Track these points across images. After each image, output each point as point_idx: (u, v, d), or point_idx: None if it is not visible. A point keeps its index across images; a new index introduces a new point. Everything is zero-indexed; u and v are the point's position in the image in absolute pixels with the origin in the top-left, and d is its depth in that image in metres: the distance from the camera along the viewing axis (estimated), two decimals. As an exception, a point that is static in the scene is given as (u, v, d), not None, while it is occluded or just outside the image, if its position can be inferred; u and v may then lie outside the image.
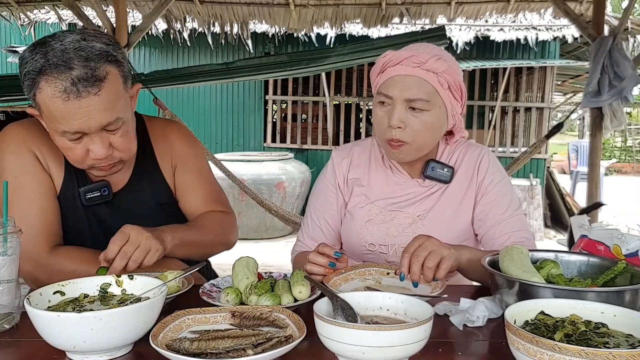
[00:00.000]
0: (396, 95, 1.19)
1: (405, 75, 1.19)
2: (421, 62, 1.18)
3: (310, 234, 1.40)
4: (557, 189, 6.67)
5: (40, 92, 1.04)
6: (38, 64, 1.02)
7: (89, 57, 1.03)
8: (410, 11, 4.62)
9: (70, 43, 1.03)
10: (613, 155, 15.09)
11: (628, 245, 1.13)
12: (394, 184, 1.34)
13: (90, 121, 1.05)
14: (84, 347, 0.78)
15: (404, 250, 1.05)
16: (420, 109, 1.20)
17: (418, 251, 1.03)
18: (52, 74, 1.01)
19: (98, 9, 3.92)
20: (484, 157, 1.33)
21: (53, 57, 1.01)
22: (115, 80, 1.08)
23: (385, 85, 1.22)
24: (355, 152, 1.40)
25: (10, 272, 0.92)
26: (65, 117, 1.04)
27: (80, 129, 1.06)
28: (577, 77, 8.51)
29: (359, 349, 0.74)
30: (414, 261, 1.02)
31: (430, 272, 1.02)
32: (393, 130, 1.20)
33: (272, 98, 7.23)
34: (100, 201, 1.24)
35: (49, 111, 1.05)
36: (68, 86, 1.01)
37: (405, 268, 1.03)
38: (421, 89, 1.19)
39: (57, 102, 1.02)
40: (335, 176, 1.39)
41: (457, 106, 1.26)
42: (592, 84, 3.29)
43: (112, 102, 1.06)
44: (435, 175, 1.30)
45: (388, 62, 1.22)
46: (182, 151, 1.37)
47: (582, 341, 0.74)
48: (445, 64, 1.20)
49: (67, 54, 1.02)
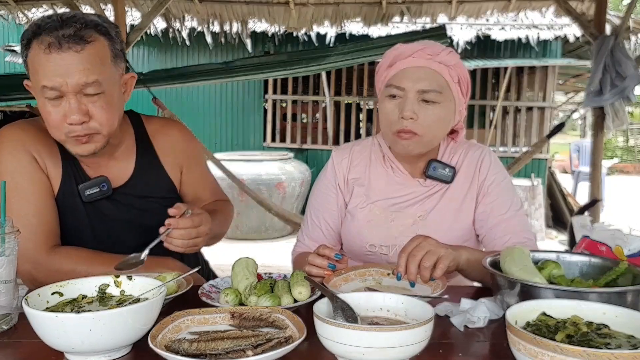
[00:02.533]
0: (409, 87, 1.20)
1: (419, 67, 1.20)
2: (434, 53, 1.20)
3: (310, 234, 1.40)
4: (558, 189, 6.66)
5: (30, 51, 1.10)
6: (34, 26, 1.09)
7: (79, 22, 1.10)
8: (410, 10, 4.61)
9: (66, 14, 1.11)
10: (615, 155, 15.07)
11: (630, 246, 1.13)
12: (395, 184, 1.33)
13: (67, 77, 1.08)
14: (82, 348, 0.77)
15: (401, 250, 1.05)
16: (432, 101, 1.20)
17: (415, 251, 1.03)
18: (44, 33, 1.08)
19: (96, 8, 3.93)
20: (485, 157, 1.32)
21: (48, 21, 1.09)
22: (102, 47, 1.12)
23: (397, 77, 1.22)
24: (355, 151, 1.40)
25: (9, 273, 0.91)
26: (45, 70, 1.08)
27: (57, 85, 1.08)
28: (579, 77, 8.49)
29: (359, 349, 0.73)
30: (410, 261, 1.02)
31: (427, 271, 1.02)
32: (405, 121, 1.20)
33: (272, 97, 7.23)
34: (100, 197, 1.24)
35: (33, 67, 1.10)
36: (52, 41, 1.07)
37: (402, 268, 1.03)
38: (434, 81, 1.20)
39: (40, 55, 1.08)
40: (336, 176, 1.38)
41: (463, 102, 1.27)
42: (594, 83, 3.28)
43: (93, 63, 1.10)
44: (437, 175, 1.29)
45: (399, 54, 1.23)
46: (187, 150, 1.40)
47: (584, 342, 0.74)
48: (456, 57, 1.23)
49: (62, 19, 1.09)
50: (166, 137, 1.37)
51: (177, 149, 1.38)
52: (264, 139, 7.33)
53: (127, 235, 1.28)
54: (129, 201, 1.29)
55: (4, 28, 7.42)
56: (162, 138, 1.36)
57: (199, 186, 1.43)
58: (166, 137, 1.37)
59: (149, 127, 1.36)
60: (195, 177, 1.41)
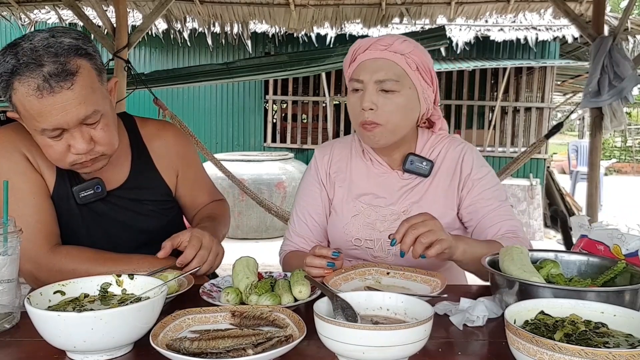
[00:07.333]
0: (367, 79, 1.23)
1: (375, 59, 1.24)
2: (388, 44, 1.23)
3: (297, 231, 1.41)
4: (557, 189, 6.67)
5: (15, 93, 1.05)
6: (9, 65, 1.03)
7: (58, 52, 1.04)
8: (410, 11, 4.62)
9: (39, 41, 1.04)
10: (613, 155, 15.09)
11: (628, 245, 1.14)
12: (375, 176, 1.35)
13: (67, 116, 1.05)
14: (84, 347, 0.78)
15: (405, 220, 1.05)
16: (391, 90, 1.22)
17: (418, 225, 1.03)
18: (24, 73, 1.02)
19: (98, 9, 3.92)
20: (467, 152, 1.34)
21: (23, 57, 1.02)
22: (88, 73, 1.08)
23: (357, 71, 1.26)
24: (336, 147, 1.43)
25: (11, 272, 0.92)
26: (42, 115, 1.04)
27: (58, 125, 1.06)
28: (577, 77, 8.51)
29: (359, 348, 0.74)
30: (410, 232, 1.02)
31: (421, 247, 1.01)
32: (365, 112, 1.23)
33: (272, 98, 7.23)
34: (95, 199, 1.24)
35: (25, 110, 1.06)
36: (40, 83, 1.02)
37: (400, 235, 1.02)
38: (390, 70, 1.22)
39: (31, 100, 1.03)
40: (318, 172, 1.41)
41: (428, 90, 1.28)
42: (592, 84, 3.29)
43: (86, 95, 1.07)
44: (414, 169, 1.31)
45: (358, 49, 1.27)
46: (182, 152, 1.40)
47: (582, 341, 0.74)
48: (411, 45, 1.25)
49: (37, 51, 1.03)
50: (161, 141, 1.37)
51: (172, 152, 1.38)
52: (265, 139, 7.33)
53: (122, 237, 1.28)
54: (124, 204, 1.29)
55: (6, 29, 7.43)
56: (157, 142, 1.36)
57: (195, 188, 1.43)
58: (161, 141, 1.37)
59: (143, 131, 1.36)
60: (190, 180, 1.42)
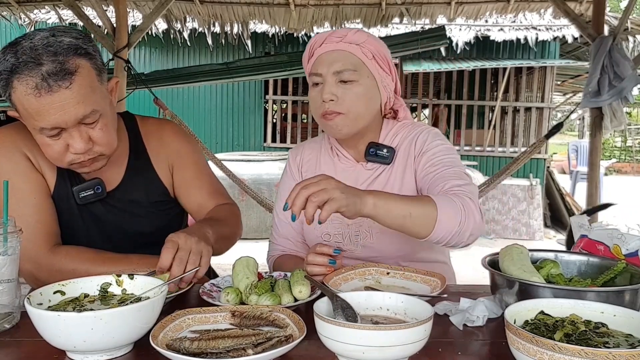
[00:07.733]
0: (325, 71, 1.25)
1: (331, 51, 1.26)
2: (342, 35, 1.25)
3: (280, 232, 1.42)
4: (557, 189, 6.67)
5: (15, 92, 1.05)
6: (9, 63, 1.03)
7: (57, 51, 1.04)
8: (410, 11, 4.62)
9: (39, 40, 1.04)
10: (613, 155, 15.10)
11: (628, 245, 1.13)
12: (342, 170, 1.35)
13: (65, 115, 1.05)
14: (84, 347, 0.78)
15: (299, 182, 1.01)
16: (349, 80, 1.24)
17: (310, 185, 0.98)
18: (23, 71, 1.02)
19: (98, 9, 3.92)
20: (422, 133, 1.32)
21: (22, 55, 1.02)
22: (87, 72, 1.08)
23: (315, 65, 1.27)
24: (306, 147, 1.46)
25: (11, 272, 0.92)
26: (40, 113, 1.04)
27: (56, 124, 1.06)
28: (577, 77, 8.51)
29: (359, 348, 0.74)
30: (301, 192, 0.97)
31: (312, 207, 0.96)
32: (326, 103, 1.24)
33: (272, 98, 7.23)
34: (95, 199, 1.24)
35: (24, 109, 1.06)
36: (39, 82, 1.02)
37: (291, 199, 0.98)
38: (347, 60, 1.24)
39: (30, 99, 1.03)
40: (292, 173, 1.44)
41: (387, 78, 1.29)
42: (592, 84, 3.29)
43: (85, 94, 1.07)
44: (376, 158, 1.32)
45: (314, 43, 1.29)
46: (178, 149, 1.36)
47: (582, 341, 0.74)
48: (365, 34, 1.27)
49: (36, 50, 1.02)
50: (158, 138, 1.35)
51: (168, 148, 1.35)
52: (265, 139, 7.34)
53: (120, 238, 1.28)
54: (121, 205, 1.28)
55: (6, 29, 7.43)
56: (154, 139, 1.35)
57: (192, 187, 1.36)
58: (158, 138, 1.35)
59: (143, 129, 1.35)
60: (186, 177, 1.36)
